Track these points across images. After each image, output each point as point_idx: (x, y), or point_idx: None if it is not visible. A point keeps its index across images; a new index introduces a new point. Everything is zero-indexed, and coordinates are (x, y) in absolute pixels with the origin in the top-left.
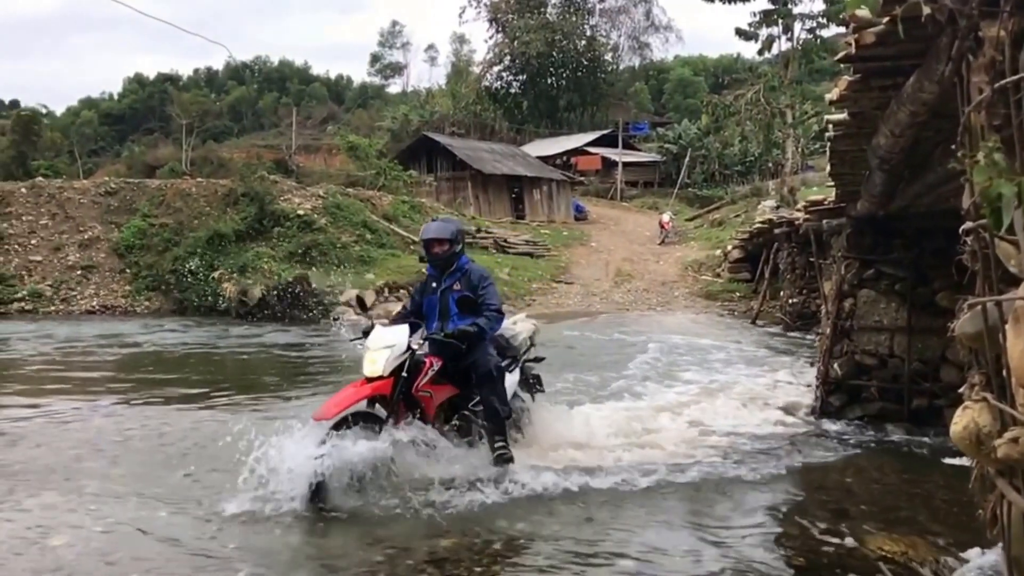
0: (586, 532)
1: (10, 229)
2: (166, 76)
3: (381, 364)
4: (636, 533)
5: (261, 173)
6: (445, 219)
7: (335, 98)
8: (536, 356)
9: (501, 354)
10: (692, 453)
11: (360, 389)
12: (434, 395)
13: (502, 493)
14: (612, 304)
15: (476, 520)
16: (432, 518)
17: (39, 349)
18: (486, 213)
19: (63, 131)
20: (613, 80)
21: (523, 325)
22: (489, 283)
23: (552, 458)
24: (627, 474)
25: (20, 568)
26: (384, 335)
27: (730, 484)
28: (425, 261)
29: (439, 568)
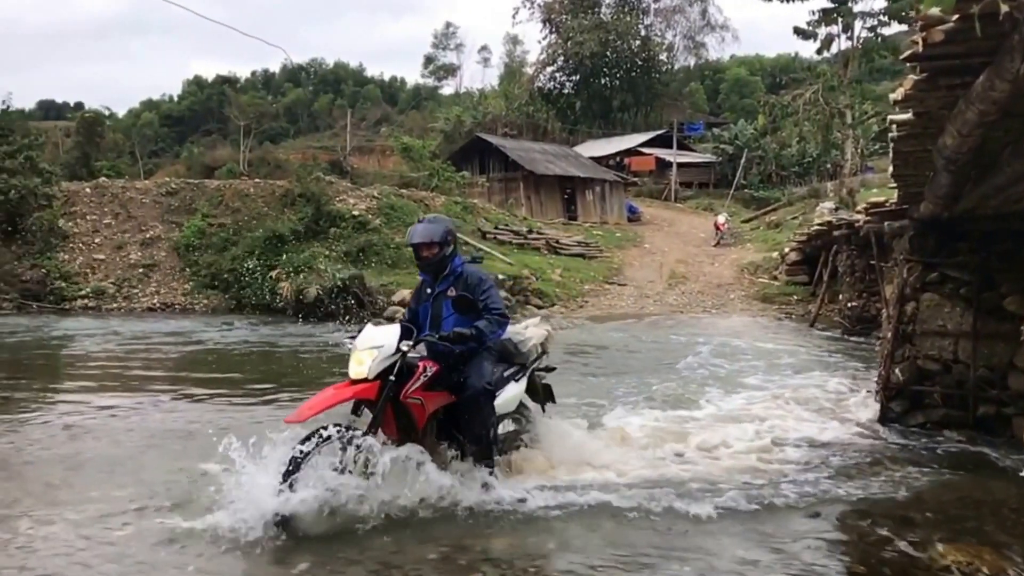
0: (637, 542)
1: (75, 228)
2: (224, 78)
3: (367, 365)
4: (692, 536)
5: (317, 174)
6: (433, 219)
7: (389, 100)
8: (547, 365)
9: (508, 361)
10: (750, 464)
11: (340, 391)
12: (425, 403)
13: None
14: (666, 306)
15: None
16: (487, 517)
17: (103, 346)
18: (538, 214)
19: (125, 132)
20: (668, 80)
21: (534, 331)
22: (489, 286)
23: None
24: (652, 489)
25: (86, 557)
26: (373, 334)
27: (785, 488)
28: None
29: (495, 566)
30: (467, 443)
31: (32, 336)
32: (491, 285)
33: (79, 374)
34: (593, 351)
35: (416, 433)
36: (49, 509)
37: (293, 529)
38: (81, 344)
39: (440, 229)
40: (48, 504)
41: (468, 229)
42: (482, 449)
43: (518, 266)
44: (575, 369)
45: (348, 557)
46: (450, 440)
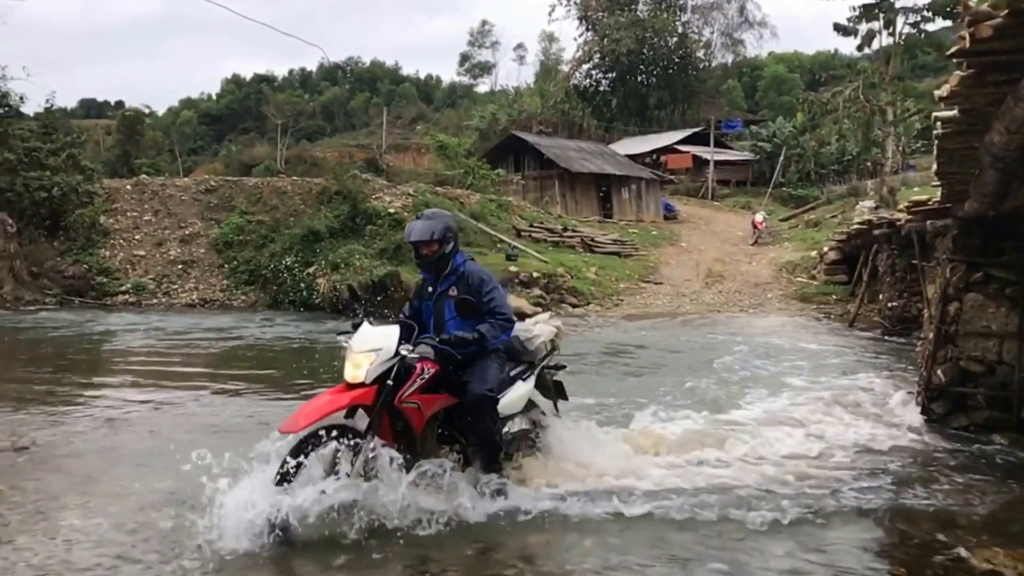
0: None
1: (116, 224)
2: (262, 77)
3: (364, 369)
4: (747, 542)
5: (354, 172)
6: (431, 215)
7: (424, 98)
8: (557, 363)
9: (515, 359)
10: (799, 471)
11: (337, 398)
12: (422, 406)
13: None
14: (702, 305)
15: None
16: (523, 517)
17: (144, 341)
18: (573, 212)
19: (164, 130)
20: (705, 77)
21: (543, 327)
22: (493, 287)
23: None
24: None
25: (127, 550)
26: (370, 336)
27: (834, 495)
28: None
29: (528, 563)
30: (472, 448)
31: (74, 331)
32: (495, 286)
33: (120, 368)
34: (631, 350)
35: (413, 437)
36: (92, 501)
37: (290, 535)
38: (122, 339)
39: (439, 225)
40: (90, 496)
41: (503, 227)
42: (489, 455)
43: (553, 264)
44: (613, 369)
45: (385, 555)
46: (452, 444)
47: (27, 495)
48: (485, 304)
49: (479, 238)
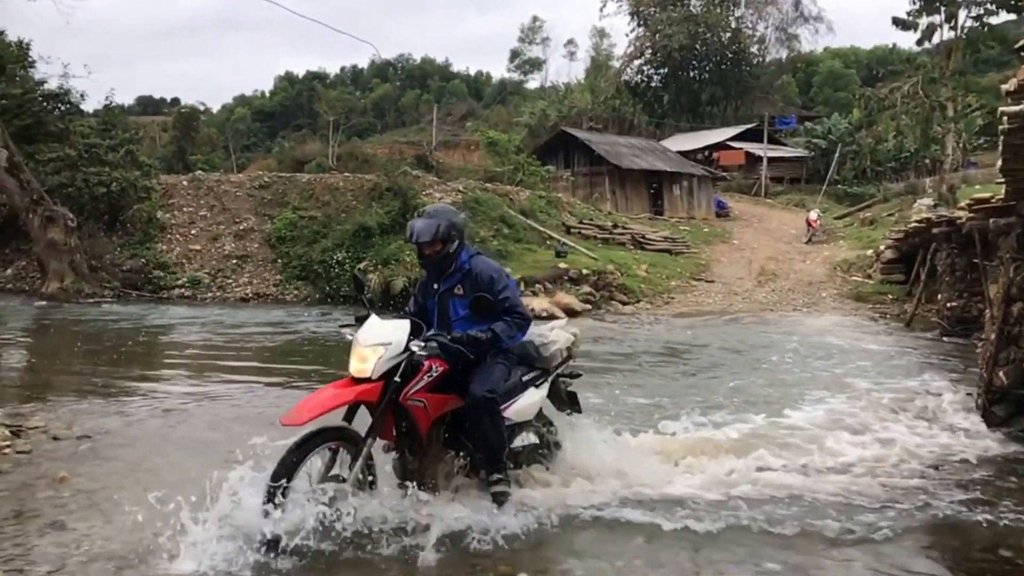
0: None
1: (172, 220)
2: (314, 74)
3: (371, 364)
4: (821, 552)
5: (404, 169)
6: (434, 212)
7: (474, 94)
8: (572, 372)
9: (528, 364)
10: (868, 479)
11: (341, 393)
12: (428, 406)
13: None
14: (755, 304)
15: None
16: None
17: (200, 334)
18: (623, 209)
19: (219, 127)
20: (759, 73)
21: (559, 333)
22: (506, 284)
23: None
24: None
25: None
26: (379, 329)
27: (907, 504)
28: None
29: (580, 560)
30: (477, 451)
31: (133, 323)
32: (507, 283)
33: (178, 360)
34: (685, 349)
35: (419, 439)
36: (150, 488)
37: (284, 549)
38: (179, 332)
39: (441, 224)
40: (148, 483)
41: (553, 224)
42: (489, 459)
43: (603, 261)
44: (669, 368)
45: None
46: (459, 448)
47: (88, 481)
48: (499, 302)
49: (528, 235)
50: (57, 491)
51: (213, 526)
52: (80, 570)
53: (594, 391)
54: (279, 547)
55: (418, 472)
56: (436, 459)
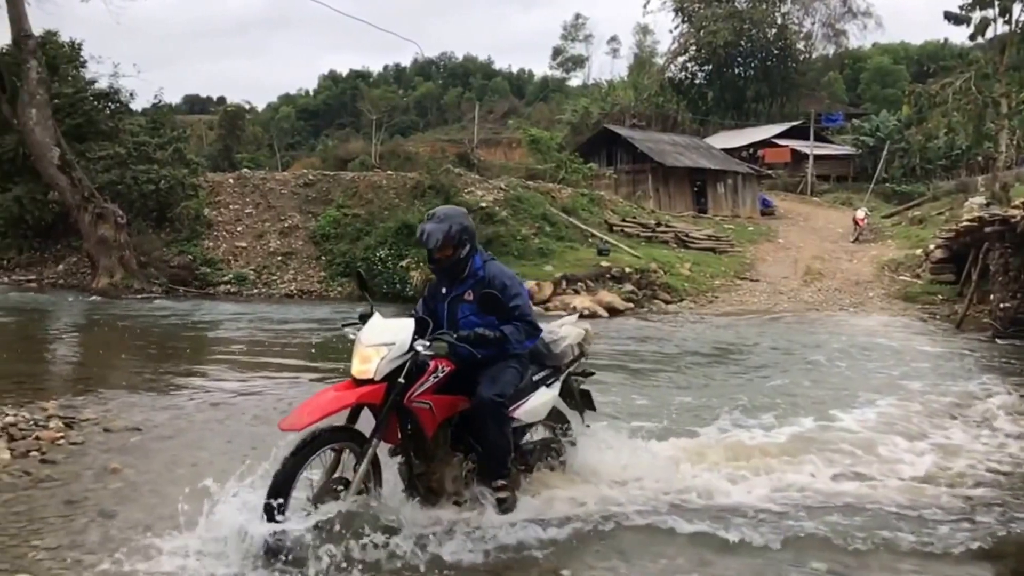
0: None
1: (219, 217)
2: (358, 73)
3: (374, 365)
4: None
5: (447, 167)
6: (444, 215)
7: (516, 92)
8: (585, 370)
9: (539, 363)
10: (934, 488)
11: (342, 395)
12: (434, 408)
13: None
14: (800, 303)
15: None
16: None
17: (246, 329)
18: (666, 207)
19: (264, 126)
20: (805, 69)
21: (569, 330)
22: (517, 291)
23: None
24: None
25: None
26: (382, 328)
27: (949, 508)
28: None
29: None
30: (482, 456)
31: (180, 319)
32: (520, 291)
33: (226, 355)
34: (731, 349)
35: (425, 442)
36: (199, 479)
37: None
38: (225, 328)
39: (454, 227)
40: (198, 475)
41: (595, 221)
42: (494, 462)
43: (646, 259)
44: (716, 369)
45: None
46: (468, 451)
47: (140, 473)
48: (510, 310)
49: (571, 233)
50: (109, 481)
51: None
52: (128, 559)
53: (641, 392)
54: (289, 557)
55: (424, 475)
56: (443, 462)
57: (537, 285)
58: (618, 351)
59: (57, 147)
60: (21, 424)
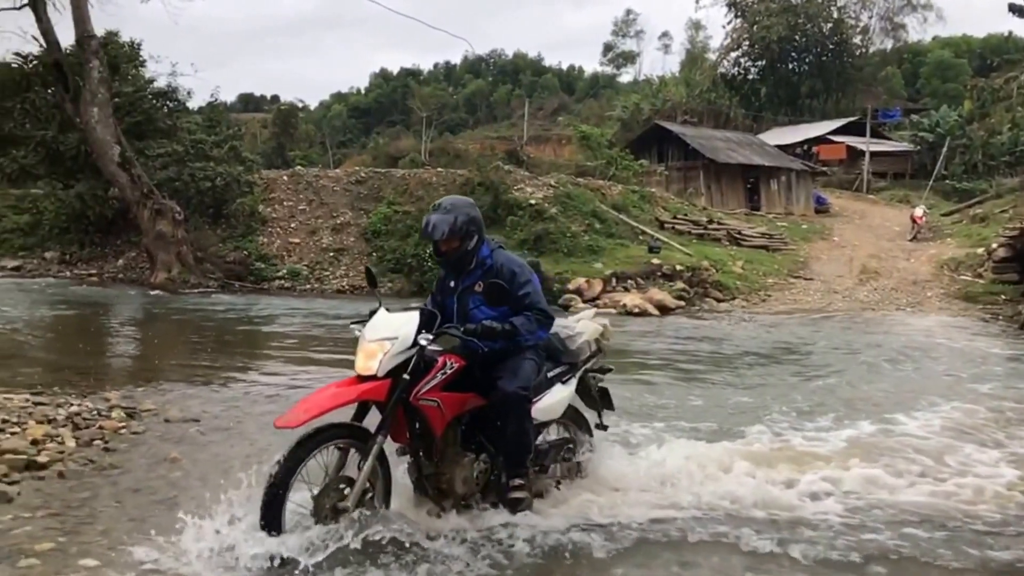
0: None
1: (273, 213)
2: (408, 71)
3: (377, 360)
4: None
5: (496, 163)
6: (450, 206)
7: (566, 89)
8: (603, 366)
9: (554, 359)
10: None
11: (342, 391)
12: (443, 405)
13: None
14: (855, 302)
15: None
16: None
17: (300, 323)
18: (718, 204)
19: (316, 124)
20: (862, 64)
21: (586, 324)
22: (528, 278)
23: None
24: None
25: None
26: (385, 323)
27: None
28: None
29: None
30: (500, 455)
31: (236, 313)
32: (530, 278)
33: (281, 349)
34: (786, 349)
35: (433, 440)
36: (255, 469)
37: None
38: (280, 322)
39: (460, 218)
40: (254, 465)
41: (646, 219)
42: (515, 459)
43: (697, 257)
44: (770, 369)
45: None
46: (479, 451)
47: (197, 463)
48: (519, 299)
49: (621, 230)
50: (169, 471)
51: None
52: (192, 547)
53: (696, 392)
54: (298, 567)
55: (434, 476)
56: (453, 463)
57: (587, 282)
58: (671, 350)
59: (118, 145)
60: (85, 414)
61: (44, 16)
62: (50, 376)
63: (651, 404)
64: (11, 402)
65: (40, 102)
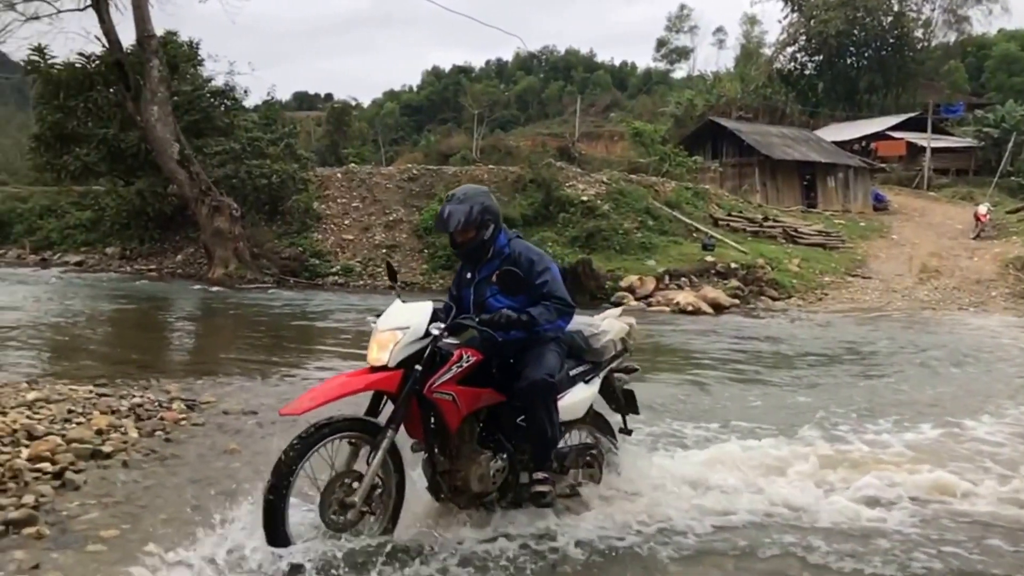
0: None
1: (328, 210)
2: (460, 68)
3: (388, 351)
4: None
5: (548, 160)
6: (464, 196)
7: (618, 85)
8: (628, 367)
9: (577, 358)
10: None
11: (352, 380)
12: (458, 399)
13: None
14: (915, 302)
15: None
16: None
17: (355, 320)
18: (774, 201)
19: (369, 121)
20: (923, 58)
21: (611, 323)
22: (546, 266)
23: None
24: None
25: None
26: (397, 313)
27: None
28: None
29: None
30: (523, 448)
31: (292, 309)
32: (548, 266)
33: (335, 344)
34: (847, 349)
35: (448, 436)
36: None
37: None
38: (335, 317)
39: (475, 208)
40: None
41: (699, 216)
42: (540, 452)
43: (752, 255)
44: (830, 369)
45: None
46: (497, 450)
47: (255, 454)
48: (537, 288)
49: (674, 227)
50: (228, 462)
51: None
52: (245, 534)
53: (755, 393)
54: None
55: (449, 473)
56: (469, 460)
57: (639, 280)
58: (727, 349)
59: (176, 143)
60: (147, 405)
61: (107, 17)
62: (112, 368)
63: (706, 405)
64: (77, 393)
65: (102, 101)
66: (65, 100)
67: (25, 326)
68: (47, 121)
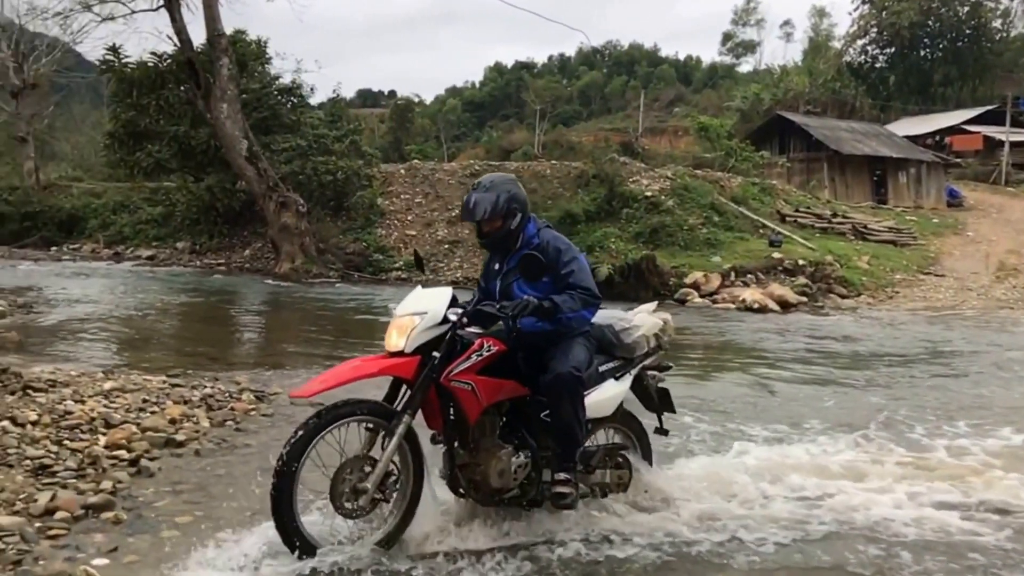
0: None
1: (391, 206)
2: (523, 64)
3: (405, 336)
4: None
5: (611, 156)
6: (490, 184)
7: (683, 79)
8: (661, 364)
9: (608, 353)
10: None
11: (365, 364)
12: (478, 390)
13: None
14: (991, 301)
15: None
16: None
17: None
18: (843, 196)
19: (431, 118)
20: (1001, 50)
21: (645, 318)
22: (573, 256)
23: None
24: None
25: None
26: (416, 298)
27: None
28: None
29: None
30: (547, 446)
31: (357, 303)
32: (576, 256)
33: None
34: (921, 349)
35: (467, 428)
36: None
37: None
38: None
39: (502, 196)
40: None
41: (766, 212)
42: (566, 449)
43: (821, 251)
44: (905, 370)
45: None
46: (520, 446)
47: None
48: (563, 277)
49: (740, 223)
50: None
51: None
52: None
53: (829, 393)
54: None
55: (468, 467)
56: (489, 454)
57: (704, 276)
58: (797, 347)
59: (245, 140)
60: (218, 395)
61: (178, 16)
62: (184, 359)
63: (775, 405)
64: (150, 383)
65: (173, 99)
66: (138, 98)
67: (100, 318)
68: (121, 119)
